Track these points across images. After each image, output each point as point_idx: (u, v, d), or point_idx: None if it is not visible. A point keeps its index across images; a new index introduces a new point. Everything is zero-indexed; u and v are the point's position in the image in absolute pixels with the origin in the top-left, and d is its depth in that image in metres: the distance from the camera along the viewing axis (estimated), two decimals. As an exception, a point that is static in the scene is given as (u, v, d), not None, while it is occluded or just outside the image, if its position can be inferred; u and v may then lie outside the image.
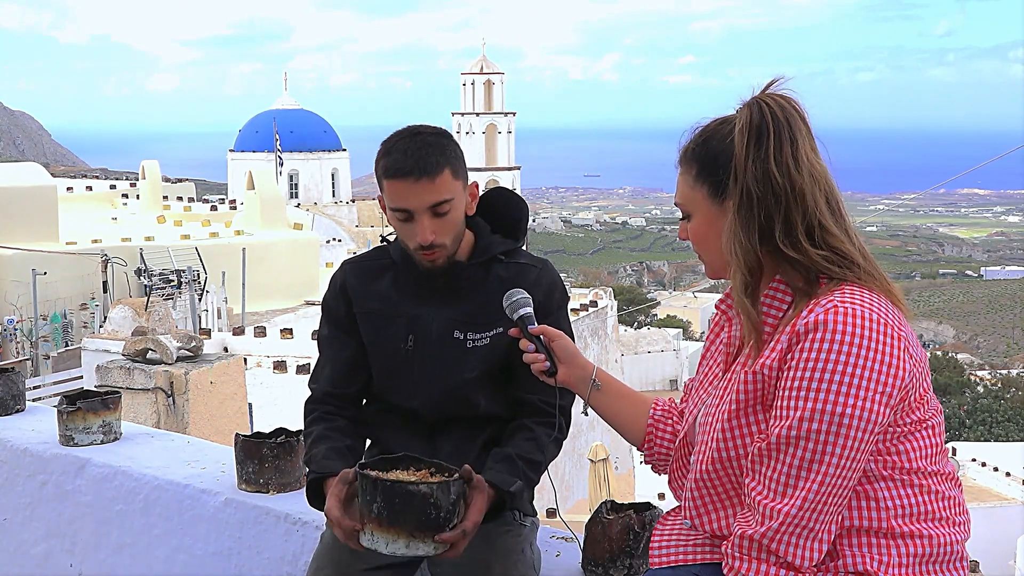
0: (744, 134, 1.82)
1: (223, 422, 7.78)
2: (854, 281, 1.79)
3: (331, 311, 2.49)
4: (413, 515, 1.99)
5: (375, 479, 2.01)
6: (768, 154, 1.80)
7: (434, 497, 2.00)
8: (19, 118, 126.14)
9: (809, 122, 1.85)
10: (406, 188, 2.26)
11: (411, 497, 1.99)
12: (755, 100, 1.85)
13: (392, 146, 2.30)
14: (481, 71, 50.60)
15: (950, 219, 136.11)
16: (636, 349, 35.30)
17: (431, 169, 2.26)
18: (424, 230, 2.28)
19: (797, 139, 1.81)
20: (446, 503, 2.02)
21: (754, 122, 1.82)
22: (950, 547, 1.81)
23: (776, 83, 1.87)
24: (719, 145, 1.88)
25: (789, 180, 1.79)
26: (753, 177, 1.80)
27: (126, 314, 12.71)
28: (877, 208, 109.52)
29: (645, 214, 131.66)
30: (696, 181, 1.92)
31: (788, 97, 1.85)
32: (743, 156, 1.82)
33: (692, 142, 1.95)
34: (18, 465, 3.38)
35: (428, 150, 2.27)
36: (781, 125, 1.81)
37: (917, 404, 1.79)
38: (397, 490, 2.00)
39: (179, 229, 25.09)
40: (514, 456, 2.30)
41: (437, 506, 2.01)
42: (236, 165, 43.40)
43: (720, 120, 1.92)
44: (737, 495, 1.87)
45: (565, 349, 2.14)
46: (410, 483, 2.01)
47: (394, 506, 1.99)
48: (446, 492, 2.02)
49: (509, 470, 2.27)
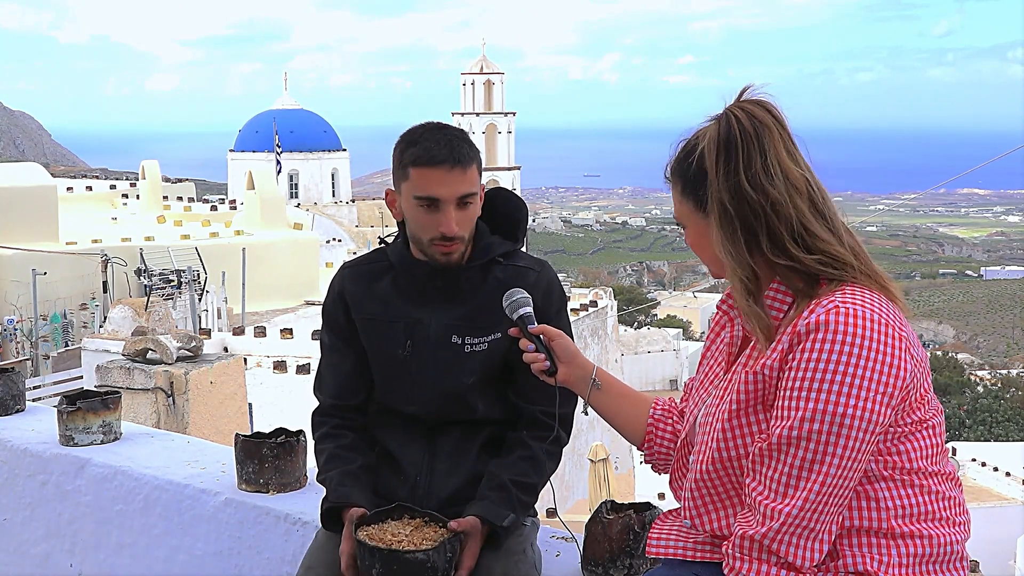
0: (712, 151, 1.81)
1: (223, 422, 7.78)
2: (854, 281, 1.79)
3: (331, 317, 2.48)
4: None
5: (372, 548, 2.09)
6: (738, 169, 1.78)
7: (431, 562, 2.08)
8: (19, 118, 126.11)
9: (786, 124, 1.82)
10: (439, 176, 2.26)
11: (408, 565, 2.07)
12: (724, 113, 1.83)
13: (419, 136, 2.30)
14: (481, 71, 50.61)
15: (950, 219, 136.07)
16: (636, 349, 35.29)
17: (464, 159, 2.28)
18: (450, 221, 2.28)
19: (767, 149, 1.79)
20: (442, 564, 2.09)
21: (721, 137, 1.80)
22: (950, 547, 1.81)
23: (748, 90, 1.85)
24: (697, 160, 1.87)
25: (763, 193, 1.77)
26: (728, 193, 1.79)
27: (126, 314, 12.71)
28: (877, 208, 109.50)
29: (645, 214, 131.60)
30: (682, 196, 1.92)
31: (761, 102, 1.82)
32: (714, 174, 1.80)
33: (675, 159, 1.93)
34: (18, 465, 3.38)
35: (459, 142, 2.29)
36: (749, 136, 1.79)
37: (918, 404, 1.79)
38: (395, 559, 2.07)
39: (179, 229, 25.08)
40: (508, 483, 2.30)
41: (434, 569, 2.08)
42: (236, 165, 43.40)
43: (698, 133, 1.89)
44: (737, 495, 1.87)
45: (565, 348, 2.14)
46: (406, 552, 2.08)
47: (392, 572, 2.07)
48: (442, 554, 2.09)
49: (503, 499, 2.28)
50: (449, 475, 2.38)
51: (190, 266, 19.91)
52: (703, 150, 1.83)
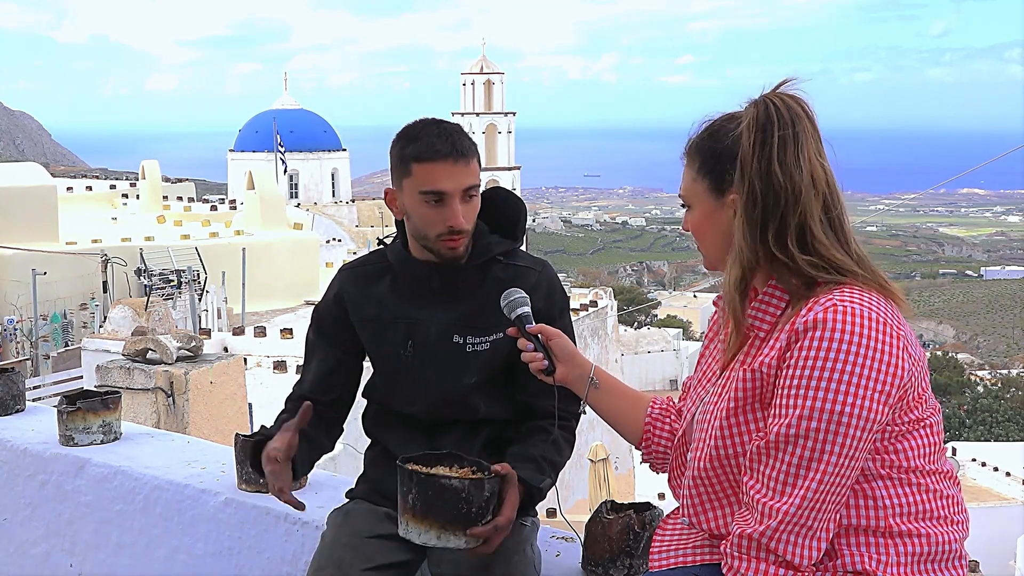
0: (750, 131, 1.82)
1: (223, 422, 7.78)
2: (852, 282, 1.79)
3: (320, 319, 2.49)
4: (445, 508, 2.05)
5: (411, 471, 2.08)
6: (772, 153, 1.80)
7: (466, 492, 2.06)
8: (19, 118, 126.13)
9: (817, 124, 1.84)
10: (444, 170, 2.26)
11: (443, 491, 2.05)
12: (763, 98, 1.84)
13: (420, 132, 2.30)
14: (481, 71, 50.62)
15: (950, 219, 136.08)
16: (636, 349, 35.30)
17: (466, 152, 2.29)
18: (457, 214, 2.28)
19: (801, 140, 1.80)
20: (478, 499, 2.07)
21: (760, 120, 1.82)
22: (949, 546, 1.81)
23: (786, 83, 1.86)
24: (723, 141, 1.88)
25: (790, 181, 1.79)
26: (758, 175, 1.80)
27: (126, 314, 12.69)
28: (877, 208, 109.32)
29: (645, 214, 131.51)
30: (698, 174, 1.93)
31: (797, 98, 1.84)
32: (749, 153, 1.81)
33: (698, 136, 1.95)
34: (18, 465, 3.38)
35: (459, 136, 2.30)
36: (786, 125, 1.80)
37: (915, 403, 1.79)
38: (430, 483, 2.06)
39: (179, 229, 25.10)
40: (538, 457, 2.30)
41: (469, 501, 2.06)
42: (236, 165, 43.41)
43: (727, 116, 1.91)
44: (735, 493, 1.87)
45: (563, 348, 2.15)
46: (443, 477, 2.07)
47: (427, 498, 2.06)
48: (479, 489, 2.07)
49: (537, 468, 2.28)
50: (449, 474, 2.38)
51: (190, 266, 19.93)
52: (740, 130, 1.83)
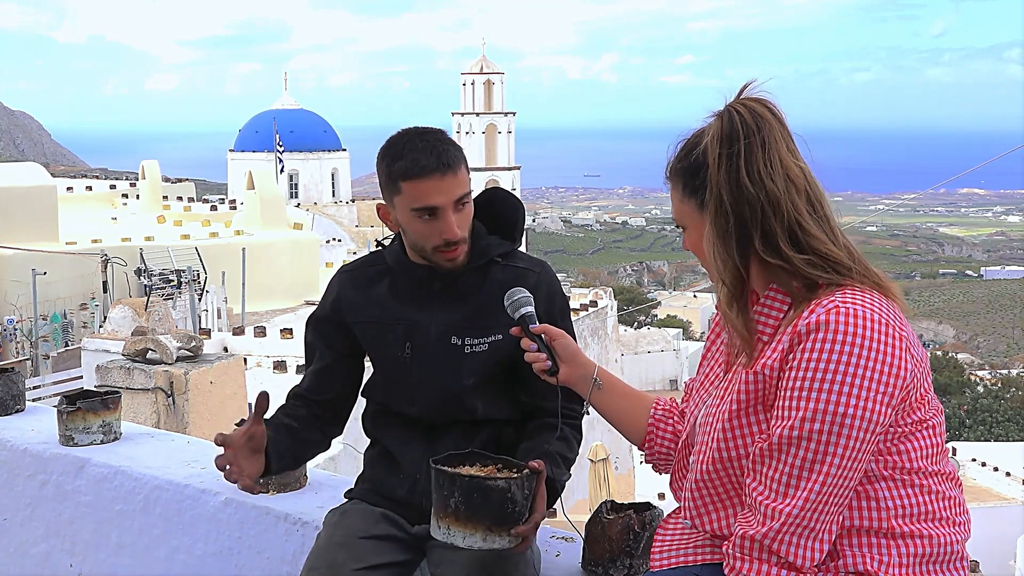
0: (714, 145, 1.81)
1: (223, 422, 7.77)
2: (852, 282, 1.79)
3: (318, 320, 2.49)
4: (491, 510, 2.04)
5: (453, 475, 2.05)
6: (739, 163, 1.78)
7: (511, 492, 2.05)
8: (19, 118, 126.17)
9: (786, 122, 1.83)
10: (433, 185, 2.24)
11: (489, 492, 2.04)
12: (726, 109, 1.83)
13: (403, 148, 2.27)
14: (481, 71, 50.61)
15: (950, 219, 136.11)
16: (636, 349, 35.29)
17: (453, 163, 2.26)
18: (452, 225, 2.27)
19: (769, 144, 1.79)
20: (521, 497, 2.06)
21: (724, 132, 1.81)
22: (950, 547, 1.81)
23: (749, 87, 1.85)
24: (698, 158, 1.87)
25: (763, 188, 1.78)
26: (727, 188, 1.79)
27: (126, 314, 12.70)
28: (877, 208, 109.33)
29: (645, 214, 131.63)
30: (683, 196, 1.92)
31: (761, 100, 1.83)
32: (715, 167, 1.81)
33: (676, 157, 1.94)
34: (18, 465, 3.38)
35: (444, 146, 2.27)
36: (751, 131, 1.79)
37: (918, 404, 1.79)
38: (475, 486, 2.04)
39: (179, 229, 25.10)
40: (553, 452, 2.30)
41: (513, 501, 2.05)
42: (236, 165, 43.43)
43: (699, 132, 1.90)
44: (738, 495, 1.87)
45: (566, 348, 2.15)
46: (488, 479, 2.06)
47: (472, 501, 2.04)
48: (521, 487, 2.07)
49: (554, 463, 2.28)
50: (449, 475, 2.38)
51: (190, 266, 19.94)
52: (705, 145, 1.83)
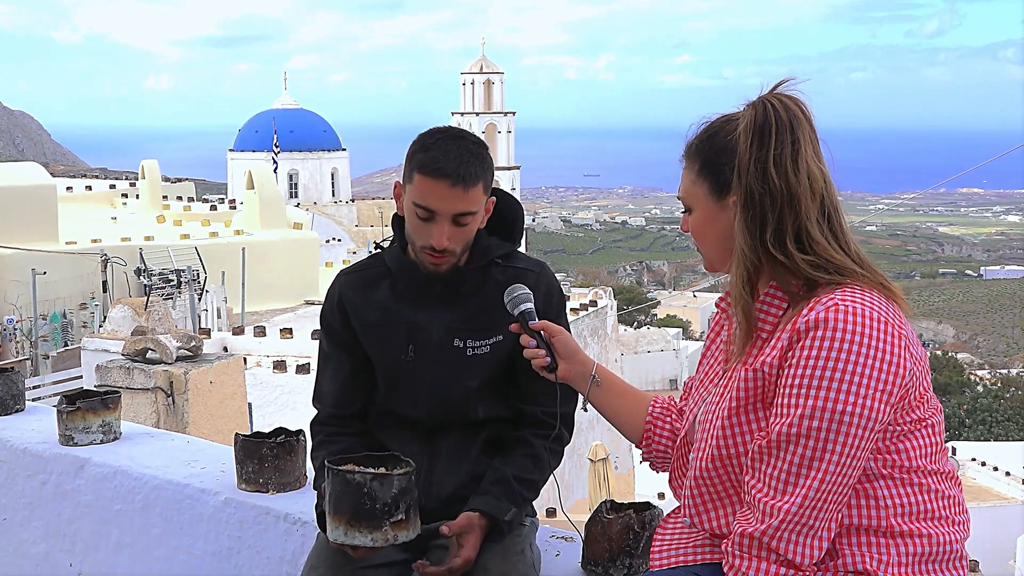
0: (748, 133, 1.82)
1: (223, 422, 7.78)
2: (852, 281, 1.79)
3: (329, 326, 2.47)
4: (349, 504, 2.05)
5: (327, 468, 2.10)
6: (768, 155, 1.80)
7: (367, 488, 2.05)
8: (19, 118, 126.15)
9: (815, 125, 1.84)
10: (439, 190, 2.23)
11: (347, 486, 2.05)
12: (761, 100, 1.84)
13: (433, 143, 2.25)
14: (480, 71, 50.58)
15: (950, 219, 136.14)
16: (636, 349, 35.30)
17: (469, 179, 2.23)
18: (441, 235, 2.26)
19: (799, 141, 1.81)
20: (384, 496, 2.05)
21: (758, 122, 1.82)
22: (950, 546, 1.81)
23: (784, 84, 1.86)
24: (722, 143, 1.88)
25: (786, 183, 1.79)
26: (754, 177, 1.80)
27: (126, 314, 12.68)
28: (877, 208, 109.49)
29: (645, 213, 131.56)
30: (698, 177, 1.93)
31: (795, 99, 1.84)
32: (746, 156, 1.82)
33: (697, 137, 1.95)
34: (18, 465, 3.38)
35: (470, 159, 2.24)
36: (784, 126, 1.81)
37: (917, 403, 1.79)
38: (339, 478, 2.06)
39: (179, 229, 25.07)
40: (511, 478, 2.30)
41: (372, 497, 2.05)
42: (236, 165, 43.38)
43: (726, 118, 1.91)
44: (737, 493, 1.87)
45: (566, 345, 2.15)
46: (348, 472, 2.07)
47: (337, 494, 2.06)
48: (385, 486, 2.05)
49: (505, 493, 2.28)
50: (449, 475, 2.38)
51: (190, 266, 19.92)
52: (738, 132, 1.83)
